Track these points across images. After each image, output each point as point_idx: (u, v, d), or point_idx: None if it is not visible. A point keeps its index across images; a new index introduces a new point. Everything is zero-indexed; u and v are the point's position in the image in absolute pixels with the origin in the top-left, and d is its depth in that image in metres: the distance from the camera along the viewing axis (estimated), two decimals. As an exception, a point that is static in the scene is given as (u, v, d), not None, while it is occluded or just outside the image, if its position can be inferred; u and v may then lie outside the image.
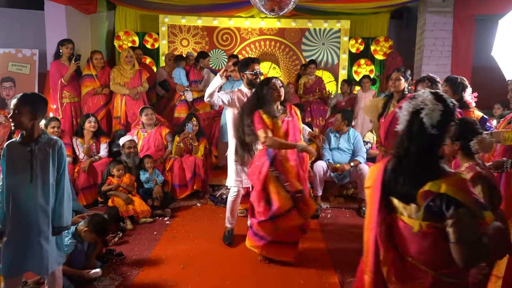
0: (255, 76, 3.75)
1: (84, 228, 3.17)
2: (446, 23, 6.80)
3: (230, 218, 4.03)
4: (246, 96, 3.77)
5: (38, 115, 2.49)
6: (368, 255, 1.92)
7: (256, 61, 3.81)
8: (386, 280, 1.85)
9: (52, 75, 5.48)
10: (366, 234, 1.94)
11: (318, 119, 6.70)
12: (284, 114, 3.53)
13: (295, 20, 7.67)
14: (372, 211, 1.90)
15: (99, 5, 6.91)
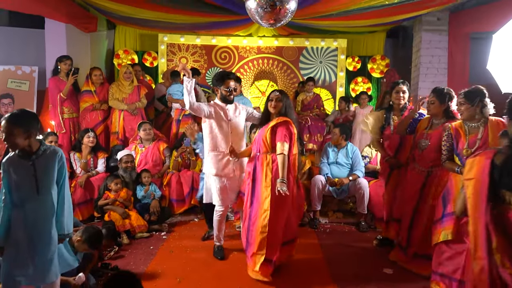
0: (229, 92, 3.77)
1: (78, 237, 3.11)
2: (441, 41, 6.88)
3: (218, 237, 3.99)
4: (222, 110, 3.79)
5: (32, 132, 2.46)
6: (477, 243, 2.17)
7: (231, 76, 3.80)
8: (499, 265, 2.09)
9: (51, 90, 5.52)
10: (474, 224, 2.19)
11: (316, 135, 6.69)
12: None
13: (293, 39, 7.78)
14: (479, 202, 2.17)
15: (99, 24, 6.99)
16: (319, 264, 3.81)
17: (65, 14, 5.92)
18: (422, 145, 3.59)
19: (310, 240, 4.49)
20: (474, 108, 3.10)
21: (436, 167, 3.49)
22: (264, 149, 3.47)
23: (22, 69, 6.17)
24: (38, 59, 6.37)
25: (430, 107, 3.61)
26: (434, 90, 3.61)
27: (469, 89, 3.19)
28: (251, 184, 3.53)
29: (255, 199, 3.49)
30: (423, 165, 3.59)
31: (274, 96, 3.51)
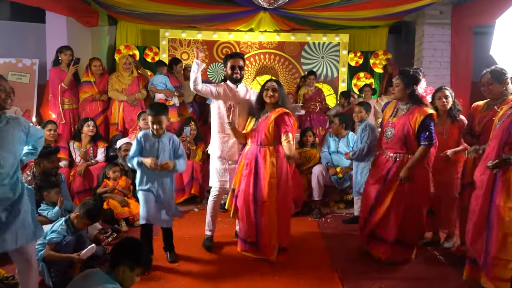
0: (233, 70, 3.68)
1: (76, 213, 3.07)
2: (444, 35, 6.84)
3: (210, 224, 3.86)
4: (232, 91, 3.74)
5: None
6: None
7: (236, 55, 3.73)
8: None
9: (52, 81, 5.51)
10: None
11: (318, 128, 6.66)
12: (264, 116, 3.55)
13: (294, 34, 7.75)
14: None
15: (100, 19, 6.99)
16: (320, 253, 3.76)
17: (65, 7, 5.91)
18: (388, 134, 3.45)
19: (311, 229, 4.45)
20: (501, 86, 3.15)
21: (404, 154, 3.38)
22: (267, 141, 3.45)
23: (22, 62, 6.16)
24: (39, 52, 6.37)
25: (394, 89, 3.43)
26: (400, 71, 3.47)
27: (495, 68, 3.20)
28: (253, 177, 3.45)
29: (258, 191, 3.43)
30: (391, 151, 3.45)
31: (271, 86, 3.49)
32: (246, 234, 3.54)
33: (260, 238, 3.48)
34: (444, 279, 3.18)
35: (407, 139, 3.32)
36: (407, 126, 3.30)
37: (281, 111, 3.43)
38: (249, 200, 3.46)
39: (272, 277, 3.23)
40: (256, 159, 3.47)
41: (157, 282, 3.11)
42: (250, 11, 6.32)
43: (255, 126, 3.53)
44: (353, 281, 3.16)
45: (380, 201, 3.44)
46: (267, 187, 3.38)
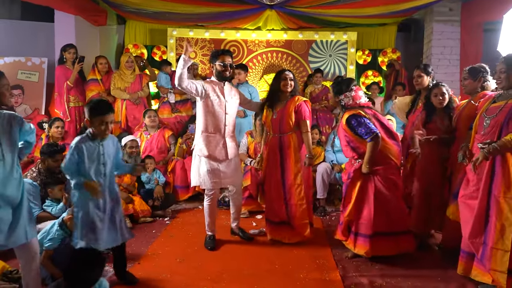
0: (224, 68, 3.60)
1: (69, 215, 3.07)
2: (454, 32, 6.75)
3: (210, 225, 3.81)
4: (219, 88, 3.66)
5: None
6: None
7: (227, 53, 3.67)
8: None
9: (58, 79, 5.58)
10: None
11: (325, 127, 6.61)
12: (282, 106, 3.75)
13: (302, 32, 7.72)
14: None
15: (109, 18, 7.06)
16: (322, 250, 3.73)
17: (74, 6, 5.98)
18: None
19: (315, 228, 4.39)
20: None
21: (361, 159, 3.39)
22: (289, 129, 3.70)
23: (32, 61, 6.26)
24: (48, 51, 6.45)
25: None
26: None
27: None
28: (280, 163, 3.73)
29: (286, 176, 3.74)
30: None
31: (288, 76, 3.71)
32: (276, 215, 3.80)
33: (292, 218, 3.75)
34: (445, 276, 3.13)
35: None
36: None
37: (300, 99, 3.71)
38: (279, 185, 3.75)
39: (274, 273, 3.22)
40: (281, 147, 3.74)
41: (161, 279, 3.11)
42: (256, 9, 6.32)
43: (275, 116, 3.72)
44: (355, 278, 3.13)
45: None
46: (294, 171, 3.69)
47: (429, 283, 3.06)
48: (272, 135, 3.80)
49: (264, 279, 3.12)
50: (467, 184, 2.94)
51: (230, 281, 3.09)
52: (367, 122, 3.25)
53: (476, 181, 2.86)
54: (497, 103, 2.84)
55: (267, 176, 3.87)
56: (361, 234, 3.37)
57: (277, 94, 3.75)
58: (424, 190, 3.57)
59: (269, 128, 3.83)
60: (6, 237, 2.45)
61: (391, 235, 3.35)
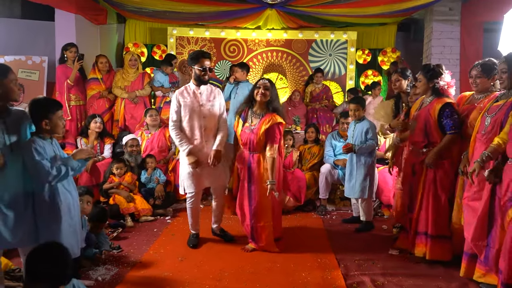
0: (204, 72, 3.49)
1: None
2: (453, 31, 6.76)
3: (193, 225, 3.80)
4: (194, 94, 3.56)
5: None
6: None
7: (206, 55, 3.53)
8: None
9: (58, 78, 5.57)
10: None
11: (325, 126, 6.64)
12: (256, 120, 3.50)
13: (302, 32, 7.72)
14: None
15: (109, 17, 7.06)
16: (324, 248, 3.74)
17: (74, 5, 5.96)
18: (412, 125, 3.46)
19: (316, 226, 4.45)
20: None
21: (428, 147, 3.35)
22: (259, 148, 3.50)
23: (32, 59, 6.23)
24: (48, 50, 6.44)
25: (418, 85, 3.45)
26: (422, 68, 3.45)
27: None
28: (247, 182, 3.54)
29: (252, 196, 3.54)
30: (416, 146, 3.44)
31: (262, 84, 3.45)
32: (245, 230, 3.68)
33: (257, 237, 3.59)
34: (447, 276, 3.14)
35: (427, 129, 3.31)
36: (427, 116, 3.31)
37: (273, 121, 3.41)
38: (245, 204, 3.59)
39: (276, 272, 3.23)
40: (250, 165, 3.53)
41: (163, 278, 3.11)
42: (257, 8, 6.32)
43: (247, 130, 3.50)
44: (356, 277, 3.14)
45: (413, 198, 3.46)
46: (261, 192, 3.48)
47: (431, 282, 3.07)
48: (243, 150, 3.60)
49: (266, 277, 3.13)
50: (470, 185, 2.93)
51: (232, 279, 3.10)
52: (456, 117, 3.21)
53: (478, 182, 2.84)
54: (498, 102, 2.85)
55: (238, 193, 3.67)
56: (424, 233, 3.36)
57: (252, 104, 3.55)
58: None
59: (239, 140, 3.61)
60: (13, 235, 2.47)
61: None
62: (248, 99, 3.60)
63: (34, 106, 2.58)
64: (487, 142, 2.77)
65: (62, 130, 2.68)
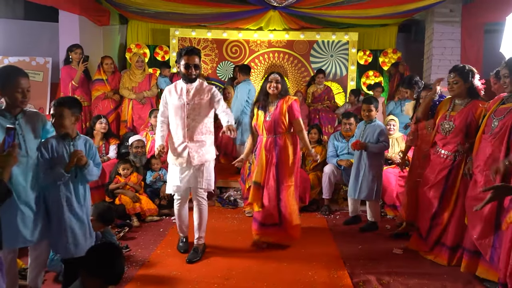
0: (187, 69, 3.37)
1: (90, 218, 3.11)
2: (454, 33, 6.81)
3: (180, 228, 3.71)
4: (181, 91, 3.45)
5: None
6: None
7: (191, 53, 3.38)
8: None
9: (63, 79, 5.60)
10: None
11: (327, 126, 6.68)
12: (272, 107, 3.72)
13: (304, 33, 7.77)
14: None
15: (111, 18, 7.10)
16: (329, 248, 3.79)
17: (78, 6, 6.01)
18: (446, 127, 3.40)
19: (320, 225, 4.50)
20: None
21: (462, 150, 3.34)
22: (284, 129, 3.67)
23: (36, 60, 6.28)
24: (52, 51, 6.48)
25: (453, 87, 3.35)
26: (456, 69, 3.38)
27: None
28: (275, 165, 3.67)
29: (281, 177, 3.69)
30: (448, 150, 3.40)
31: (274, 78, 3.68)
32: (267, 217, 3.71)
33: (284, 220, 3.70)
34: (452, 275, 3.19)
35: (469, 131, 3.30)
36: (470, 117, 3.28)
37: (291, 99, 3.69)
38: (272, 187, 3.70)
39: (282, 271, 3.27)
40: (276, 148, 3.69)
41: (172, 277, 3.14)
42: (260, 10, 6.37)
43: (268, 118, 3.67)
44: (362, 275, 3.18)
45: (444, 205, 3.42)
46: (289, 172, 3.68)
47: (436, 281, 3.11)
48: (266, 137, 3.72)
49: (273, 276, 3.17)
50: (475, 185, 2.97)
51: (239, 278, 3.13)
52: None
53: (484, 183, 2.87)
54: (506, 104, 2.89)
55: (261, 177, 3.74)
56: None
57: (267, 96, 3.73)
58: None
59: (261, 130, 3.74)
60: (32, 234, 2.53)
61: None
62: (262, 93, 3.79)
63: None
64: (495, 144, 2.82)
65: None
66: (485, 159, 2.88)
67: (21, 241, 2.54)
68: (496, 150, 2.85)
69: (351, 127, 5.06)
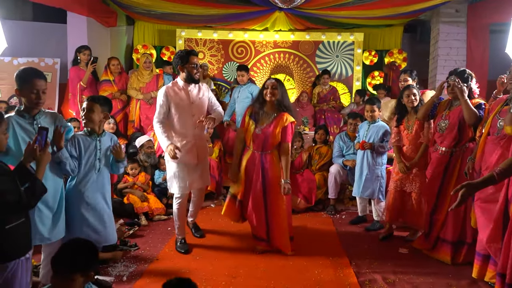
0: (196, 69, 3.48)
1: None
2: (460, 33, 6.82)
3: (180, 229, 3.72)
4: (184, 91, 3.52)
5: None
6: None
7: (194, 53, 3.52)
8: None
9: (71, 80, 5.68)
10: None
11: (333, 127, 6.70)
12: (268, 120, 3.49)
13: (309, 33, 7.80)
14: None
15: (119, 19, 7.17)
16: (335, 247, 3.83)
17: (86, 8, 6.09)
18: (442, 125, 3.52)
19: (326, 225, 4.53)
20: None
21: (459, 146, 3.46)
22: (272, 147, 3.52)
23: (45, 61, 6.33)
24: (60, 52, 6.55)
25: (454, 89, 3.39)
26: (457, 73, 3.45)
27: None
28: (261, 181, 3.53)
29: (268, 194, 3.55)
30: (444, 146, 3.52)
31: (270, 83, 3.46)
32: (257, 232, 3.66)
33: (272, 236, 3.62)
34: (457, 274, 3.22)
35: (462, 126, 3.39)
36: (461, 114, 3.37)
37: (288, 120, 3.44)
38: (260, 203, 3.56)
39: (289, 269, 3.31)
40: (263, 166, 3.53)
41: (179, 274, 3.17)
42: (266, 11, 6.41)
43: (259, 131, 3.48)
44: (368, 274, 3.22)
45: (442, 200, 3.50)
46: (276, 191, 3.51)
47: (441, 280, 3.15)
48: (252, 151, 3.56)
49: (280, 274, 3.22)
50: None
51: (246, 276, 3.18)
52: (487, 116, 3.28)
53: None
54: (509, 105, 2.91)
55: (250, 194, 3.59)
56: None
57: (262, 103, 3.52)
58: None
59: (249, 141, 3.56)
60: (50, 231, 2.59)
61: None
62: (257, 100, 3.57)
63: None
64: (504, 145, 2.83)
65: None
66: (495, 160, 2.89)
67: (38, 239, 2.61)
68: (506, 151, 2.86)
69: (356, 127, 5.09)
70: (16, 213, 2.06)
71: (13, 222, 2.02)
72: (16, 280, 2.01)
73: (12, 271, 1.99)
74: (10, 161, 2.42)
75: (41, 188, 2.15)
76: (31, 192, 2.08)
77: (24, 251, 2.10)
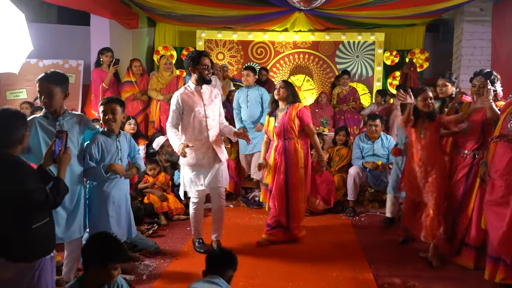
0: (207, 70, 3.47)
1: None
2: (485, 32, 6.67)
3: (195, 231, 3.75)
4: (197, 94, 3.52)
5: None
6: None
7: (205, 53, 3.51)
8: None
9: (94, 81, 5.80)
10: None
11: (352, 128, 6.64)
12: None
13: (329, 33, 7.75)
14: None
15: (140, 21, 7.28)
16: (354, 250, 3.81)
17: (109, 10, 6.20)
18: (464, 128, 3.42)
19: (345, 227, 4.50)
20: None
21: (481, 149, 3.35)
22: (293, 134, 3.81)
23: (69, 63, 6.48)
24: (84, 54, 6.69)
25: (481, 90, 3.30)
26: (484, 73, 3.37)
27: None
28: (284, 169, 3.80)
29: (290, 180, 3.82)
30: (467, 149, 3.43)
31: (278, 84, 3.93)
32: (276, 221, 3.90)
33: (291, 221, 3.88)
34: (479, 280, 3.14)
35: (485, 127, 3.31)
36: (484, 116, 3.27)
37: (301, 105, 3.86)
38: (282, 189, 3.83)
39: (307, 271, 3.30)
40: (285, 152, 3.82)
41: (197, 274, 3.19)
42: (285, 12, 6.41)
43: (277, 123, 3.85)
44: (387, 278, 3.19)
45: (466, 203, 3.43)
46: (298, 176, 3.82)
47: (462, 285, 3.09)
48: (277, 141, 3.89)
49: (298, 276, 3.21)
50: (493, 188, 2.92)
51: (264, 277, 3.20)
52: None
53: (504, 187, 2.83)
54: None
55: (275, 182, 3.87)
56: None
57: (276, 103, 3.97)
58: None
59: (272, 135, 3.93)
60: (64, 231, 2.66)
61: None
62: (271, 101, 4.03)
63: None
64: None
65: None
66: (505, 163, 2.83)
67: None
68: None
69: (376, 129, 5.04)
70: (43, 212, 2.12)
71: (39, 221, 2.08)
72: (42, 279, 2.07)
73: (39, 270, 2.05)
74: (32, 160, 2.52)
75: (64, 188, 2.22)
76: (56, 192, 2.14)
77: (49, 250, 2.15)
